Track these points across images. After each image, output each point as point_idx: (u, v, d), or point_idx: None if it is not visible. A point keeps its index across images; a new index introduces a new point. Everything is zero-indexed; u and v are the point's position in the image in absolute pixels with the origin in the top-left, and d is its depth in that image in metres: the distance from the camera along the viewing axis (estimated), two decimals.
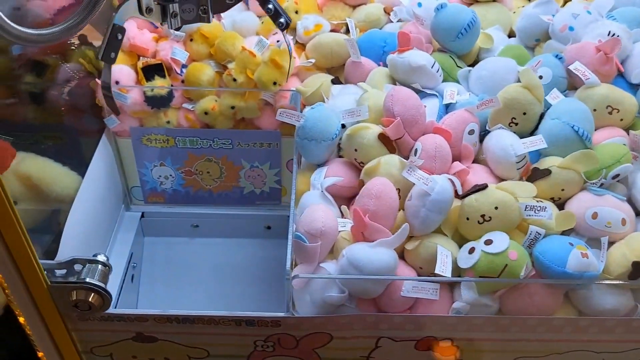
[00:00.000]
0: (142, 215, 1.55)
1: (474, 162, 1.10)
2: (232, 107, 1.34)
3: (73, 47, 1.44)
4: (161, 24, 0.88)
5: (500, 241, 0.92)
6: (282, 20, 0.87)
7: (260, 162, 1.45)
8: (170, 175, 1.47)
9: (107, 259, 0.95)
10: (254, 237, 1.59)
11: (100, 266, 0.93)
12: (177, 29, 0.94)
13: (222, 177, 1.48)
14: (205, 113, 1.34)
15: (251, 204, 1.55)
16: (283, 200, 1.54)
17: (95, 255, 0.95)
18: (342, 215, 1.05)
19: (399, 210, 0.99)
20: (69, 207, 1.22)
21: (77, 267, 0.94)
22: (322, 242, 0.95)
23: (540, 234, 0.95)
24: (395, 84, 1.21)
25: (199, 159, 1.44)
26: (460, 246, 0.98)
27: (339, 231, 0.99)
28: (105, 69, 0.89)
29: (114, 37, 0.84)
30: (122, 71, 1.31)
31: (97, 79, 1.31)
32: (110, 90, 0.92)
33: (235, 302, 1.54)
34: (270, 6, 0.86)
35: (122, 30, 0.82)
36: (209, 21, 0.89)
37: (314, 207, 0.97)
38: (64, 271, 0.94)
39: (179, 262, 1.59)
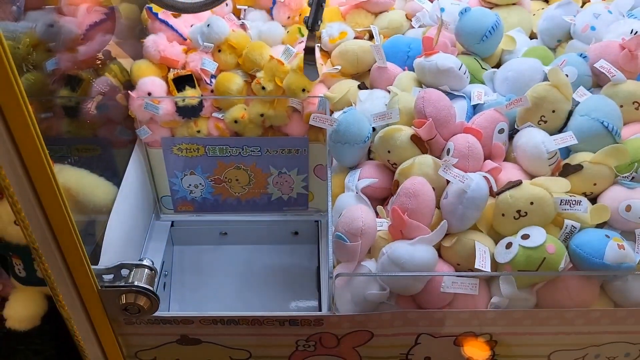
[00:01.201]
0: (172, 225, 1.57)
1: (504, 160, 1.12)
2: (261, 115, 1.36)
3: (99, 62, 1.48)
4: None
5: (537, 235, 0.94)
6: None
7: (288, 169, 1.47)
8: (200, 183, 1.50)
9: (152, 263, 0.98)
10: (282, 243, 1.62)
11: (146, 270, 0.96)
12: None
13: (250, 184, 1.50)
14: (235, 121, 1.37)
15: (279, 210, 1.57)
16: (310, 206, 1.56)
17: (141, 260, 0.98)
18: (378, 215, 1.07)
19: (435, 208, 1.01)
20: (105, 216, 1.25)
21: (124, 272, 0.97)
22: (363, 241, 0.97)
23: (575, 228, 0.97)
24: (422, 87, 1.23)
25: (228, 167, 1.46)
26: (496, 242, 1.00)
27: (377, 230, 1.01)
28: (311, 36, 1.05)
29: (320, 6, 0.99)
30: (153, 83, 1.34)
31: (129, 91, 1.34)
32: (314, 54, 1.06)
33: (265, 307, 1.55)
34: None
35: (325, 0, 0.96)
36: None
37: (353, 207, 0.99)
38: (111, 276, 0.96)
39: (208, 269, 1.61)
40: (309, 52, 0.99)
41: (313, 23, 0.95)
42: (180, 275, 1.60)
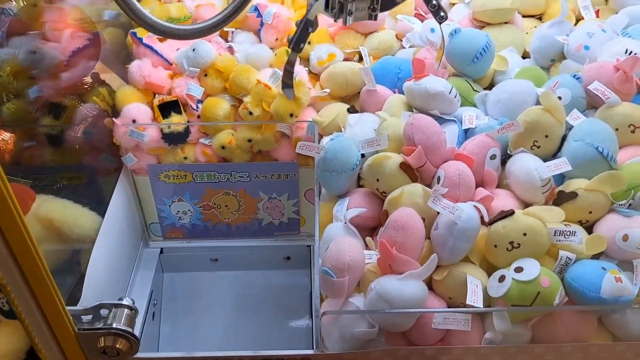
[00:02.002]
0: (161, 252, 1.54)
1: (497, 187, 1.09)
2: (249, 140, 1.33)
3: (86, 87, 1.46)
4: (335, 20, 0.95)
5: (531, 268, 0.91)
6: (442, 14, 0.94)
7: (278, 194, 1.44)
8: (189, 210, 1.47)
9: (133, 302, 0.94)
10: (274, 269, 1.58)
11: (126, 310, 0.92)
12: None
13: (240, 210, 1.47)
14: (223, 147, 1.34)
15: (270, 235, 1.54)
16: (302, 230, 1.53)
17: (120, 299, 0.94)
18: (367, 247, 1.04)
19: (425, 239, 0.98)
20: (90, 247, 1.22)
21: (104, 312, 0.93)
22: (350, 276, 0.93)
23: (570, 259, 0.94)
24: (413, 111, 1.20)
25: (217, 193, 1.43)
26: (489, 274, 0.97)
27: (365, 263, 0.98)
28: (292, 56, 1.01)
29: (305, 30, 0.91)
30: (138, 109, 1.32)
31: (112, 118, 1.31)
32: (293, 70, 0.97)
33: (258, 335, 1.52)
34: (435, 2, 0.92)
35: (313, 25, 0.91)
36: (376, 19, 0.94)
37: (340, 241, 0.96)
38: (90, 317, 0.93)
39: (199, 296, 1.58)
40: (286, 71, 0.97)
41: (295, 44, 0.92)
42: (170, 304, 1.56)
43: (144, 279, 1.48)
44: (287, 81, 1.02)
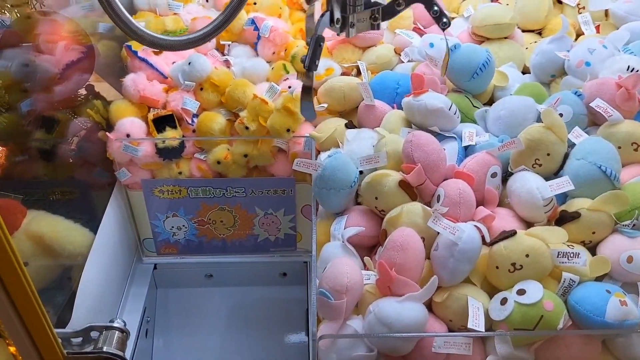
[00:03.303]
0: (155, 267, 1.52)
1: (498, 205, 1.07)
2: (245, 155, 1.31)
3: (80, 99, 1.43)
4: (338, 34, 0.93)
5: (534, 291, 0.88)
6: (445, 20, 0.92)
7: (274, 209, 1.42)
8: (183, 225, 1.44)
9: (124, 324, 0.91)
10: (270, 285, 1.56)
11: (117, 333, 0.89)
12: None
13: (235, 226, 1.45)
14: (218, 162, 1.32)
15: (266, 251, 1.51)
16: (298, 246, 1.51)
17: (111, 321, 0.91)
18: (365, 267, 1.02)
19: (425, 259, 0.96)
20: (82, 264, 1.20)
21: (94, 334, 0.90)
22: (348, 298, 0.91)
23: (574, 281, 0.91)
24: (411, 127, 1.18)
25: (212, 209, 1.41)
26: (490, 295, 0.94)
27: (364, 284, 0.95)
28: (309, 76, 0.96)
29: (318, 47, 0.89)
30: (132, 124, 1.30)
31: (106, 133, 1.29)
32: (311, 93, 0.95)
33: (253, 352, 1.50)
34: (436, 8, 0.91)
35: (323, 40, 0.88)
36: (378, 28, 0.93)
37: (338, 262, 0.94)
38: (79, 339, 0.90)
39: (193, 313, 1.56)
40: (305, 91, 0.94)
41: (310, 63, 0.90)
42: (164, 320, 1.53)
43: (137, 295, 1.45)
44: (307, 100, 0.98)
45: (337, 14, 0.85)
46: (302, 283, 1.53)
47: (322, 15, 0.85)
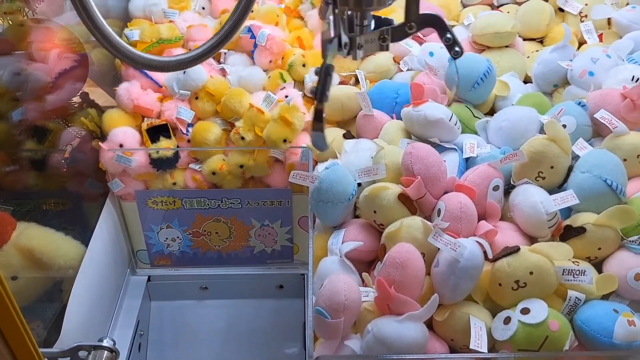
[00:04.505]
0: (149, 279, 1.48)
1: (500, 219, 1.03)
2: (241, 166, 1.29)
3: (74, 108, 1.41)
4: (345, 56, 0.87)
5: (539, 310, 0.85)
6: (457, 49, 0.88)
7: (270, 221, 1.39)
8: (178, 237, 1.41)
9: (114, 343, 0.88)
10: (266, 298, 1.53)
11: (106, 353, 0.86)
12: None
13: (231, 237, 1.42)
14: (213, 173, 1.29)
15: (262, 263, 1.48)
16: (295, 258, 1.48)
17: (100, 340, 0.88)
18: (364, 283, 0.98)
19: (426, 275, 0.93)
20: (72, 277, 1.17)
21: (82, 354, 0.87)
22: (345, 317, 0.88)
23: (580, 300, 0.89)
24: (411, 138, 1.16)
25: (207, 220, 1.38)
26: (493, 313, 0.91)
27: (362, 301, 0.92)
28: (319, 110, 0.86)
29: (329, 76, 0.83)
30: (125, 134, 1.27)
31: (100, 142, 1.26)
32: (323, 123, 0.89)
33: None
34: (449, 36, 0.86)
35: (333, 68, 0.83)
36: (387, 49, 0.88)
37: (335, 279, 0.90)
38: (67, 359, 0.86)
39: (188, 326, 1.52)
40: (317, 120, 0.88)
41: (321, 94, 0.85)
42: (157, 334, 1.50)
43: (130, 308, 1.42)
44: (318, 130, 0.92)
45: (345, 38, 0.81)
46: (300, 296, 1.50)
47: (330, 42, 0.81)
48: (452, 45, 0.86)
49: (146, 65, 0.76)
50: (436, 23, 0.85)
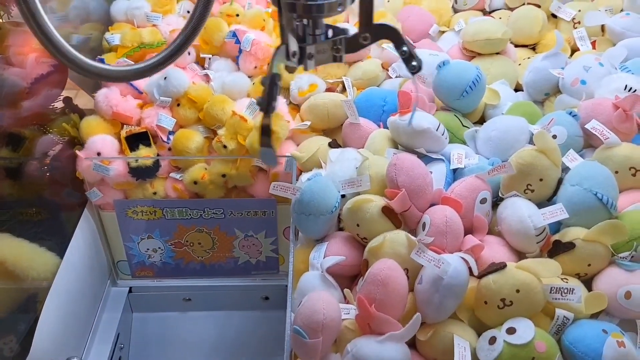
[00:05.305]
0: (130, 291, 1.45)
1: (487, 233, 1.00)
2: (223, 176, 1.25)
3: (55, 114, 1.37)
4: (296, 67, 0.82)
5: (525, 330, 0.82)
6: (414, 63, 0.83)
7: (255, 231, 1.35)
8: (159, 247, 1.37)
9: None
10: (251, 310, 1.49)
11: None
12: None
13: (214, 248, 1.38)
14: (195, 183, 1.26)
15: (247, 274, 1.44)
16: (281, 269, 1.44)
17: (69, 359, 0.84)
18: (346, 299, 0.95)
19: (409, 291, 0.89)
20: (47, 289, 1.13)
21: None
22: (324, 337, 0.84)
23: (568, 319, 0.85)
24: (398, 148, 1.12)
25: (189, 230, 1.34)
26: (478, 332, 0.88)
27: (343, 319, 0.89)
28: (267, 120, 0.82)
29: (275, 85, 0.77)
30: (104, 141, 1.23)
31: (77, 151, 1.22)
32: (270, 137, 0.84)
33: None
34: (405, 49, 0.81)
35: (280, 78, 0.78)
36: (341, 61, 0.83)
37: (314, 297, 0.87)
38: None
39: (170, 338, 1.48)
40: (265, 134, 0.83)
41: (267, 105, 0.80)
42: (139, 346, 1.46)
43: (109, 321, 1.38)
44: (266, 146, 0.88)
45: (294, 47, 0.78)
46: (285, 307, 1.46)
47: (277, 49, 0.77)
48: (408, 59, 0.81)
49: (96, 74, 0.72)
50: (391, 35, 0.81)
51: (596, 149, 1.04)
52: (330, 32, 0.80)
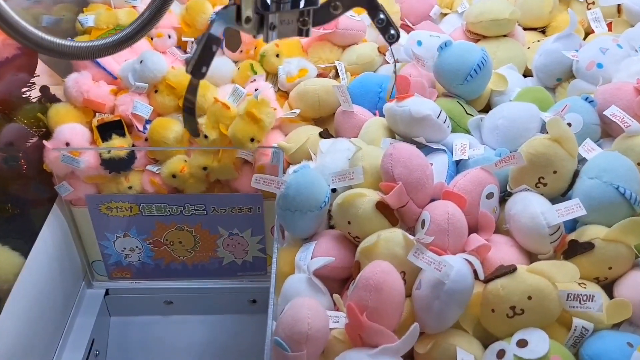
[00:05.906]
0: (107, 293, 1.36)
1: (494, 232, 0.91)
2: (204, 168, 1.16)
3: (30, 103, 1.27)
4: (254, 36, 0.73)
5: (539, 342, 0.73)
6: (392, 32, 0.75)
7: (240, 229, 1.26)
8: (137, 247, 1.28)
9: None
10: (238, 313, 1.41)
11: None
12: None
13: (197, 247, 1.29)
14: (173, 176, 1.17)
15: (232, 275, 1.36)
16: (269, 271, 1.35)
17: None
18: (335, 306, 0.85)
19: (406, 297, 0.80)
20: (7, 293, 1.03)
21: None
22: (309, 349, 0.75)
23: (587, 330, 0.76)
24: (395, 138, 1.04)
25: (169, 228, 1.25)
26: (485, 344, 0.79)
27: (331, 329, 0.79)
28: (193, 86, 0.76)
29: (208, 49, 0.70)
30: (73, 130, 1.15)
31: (43, 141, 1.12)
32: (194, 108, 0.74)
33: None
34: (382, 16, 0.76)
35: (218, 42, 0.68)
36: (307, 35, 0.75)
37: (298, 304, 0.78)
38: None
39: (151, 344, 1.41)
40: (187, 101, 0.75)
41: (194, 67, 0.71)
42: (117, 353, 1.39)
43: (83, 325, 1.30)
44: (189, 116, 0.79)
45: (248, 12, 0.68)
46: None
47: (224, 8, 0.67)
48: (386, 27, 0.73)
49: (54, 51, 0.62)
50: (365, 1, 0.73)
51: (615, 138, 0.97)
52: (302, 2, 0.70)
